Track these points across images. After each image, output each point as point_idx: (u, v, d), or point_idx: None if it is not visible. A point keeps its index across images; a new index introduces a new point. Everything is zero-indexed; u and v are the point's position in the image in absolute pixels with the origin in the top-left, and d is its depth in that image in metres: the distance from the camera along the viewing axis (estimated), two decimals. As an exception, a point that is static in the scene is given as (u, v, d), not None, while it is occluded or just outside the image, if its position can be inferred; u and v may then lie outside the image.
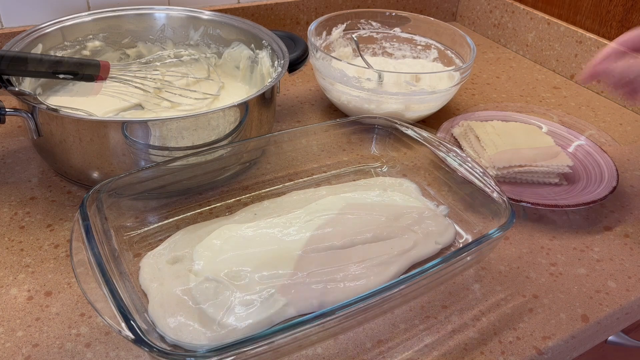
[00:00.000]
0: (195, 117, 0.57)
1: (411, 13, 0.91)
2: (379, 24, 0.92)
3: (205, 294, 0.48)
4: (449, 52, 0.88)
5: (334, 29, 0.89)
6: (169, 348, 0.44)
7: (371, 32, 0.92)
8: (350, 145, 0.71)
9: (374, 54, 0.94)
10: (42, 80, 0.70)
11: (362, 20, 0.91)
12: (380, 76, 0.74)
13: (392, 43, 0.93)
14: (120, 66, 0.75)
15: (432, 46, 0.90)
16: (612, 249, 0.60)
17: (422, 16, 0.90)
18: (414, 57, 0.92)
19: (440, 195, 0.64)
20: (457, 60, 0.86)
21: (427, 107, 0.77)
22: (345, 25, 0.90)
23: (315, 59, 0.78)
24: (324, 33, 0.88)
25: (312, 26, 0.83)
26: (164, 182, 0.57)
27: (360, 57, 0.90)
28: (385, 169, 0.69)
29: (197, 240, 0.54)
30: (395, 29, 0.92)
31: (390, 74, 0.73)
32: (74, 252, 0.44)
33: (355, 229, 0.56)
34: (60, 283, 0.51)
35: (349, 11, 0.90)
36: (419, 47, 0.91)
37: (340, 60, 0.74)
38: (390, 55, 0.94)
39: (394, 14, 0.91)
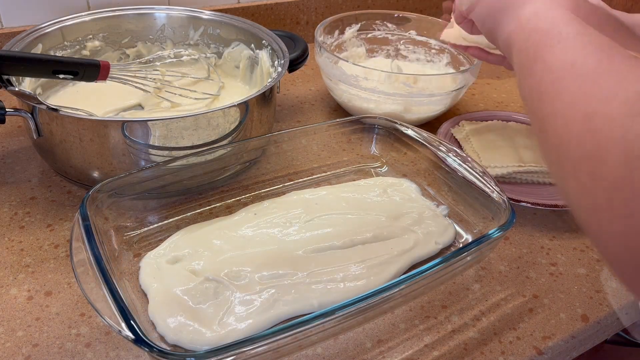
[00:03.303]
0: (195, 117, 0.57)
1: (431, 17, 0.90)
2: (394, 26, 0.92)
3: (205, 294, 0.48)
4: (461, 57, 0.86)
5: (347, 28, 0.89)
6: (169, 348, 0.44)
7: (386, 33, 0.92)
8: (350, 145, 0.71)
9: (388, 56, 0.94)
10: (42, 80, 0.70)
11: (377, 21, 0.91)
12: (379, 76, 0.74)
13: (406, 45, 0.93)
14: (120, 66, 0.75)
15: (446, 50, 0.89)
16: (612, 249, 0.60)
17: (440, 20, 0.90)
18: (427, 61, 0.92)
19: (440, 195, 0.64)
20: (468, 65, 0.85)
21: (427, 109, 0.77)
22: (359, 25, 0.90)
23: (320, 58, 0.78)
24: (337, 32, 0.88)
25: (322, 25, 0.83)
26: (164, 182, 0.57)
27: (370, 59, 0.90)
28: (385, 169, 0.69)
29: (197, 240, 0.54)
30: (411, 31, 0.92)
31: (389, 74, 0.73)
32: (74, 252, 0.44)
33: (355, 229, 0.56)
34: (60, 283, 0.51)
35: (363, 11, 0.90)
36: (433, 50, 0.91)
37: (347, 61, 0.74)
38: (404, 57, 0.93)
39: (414, 16, 0.91)
